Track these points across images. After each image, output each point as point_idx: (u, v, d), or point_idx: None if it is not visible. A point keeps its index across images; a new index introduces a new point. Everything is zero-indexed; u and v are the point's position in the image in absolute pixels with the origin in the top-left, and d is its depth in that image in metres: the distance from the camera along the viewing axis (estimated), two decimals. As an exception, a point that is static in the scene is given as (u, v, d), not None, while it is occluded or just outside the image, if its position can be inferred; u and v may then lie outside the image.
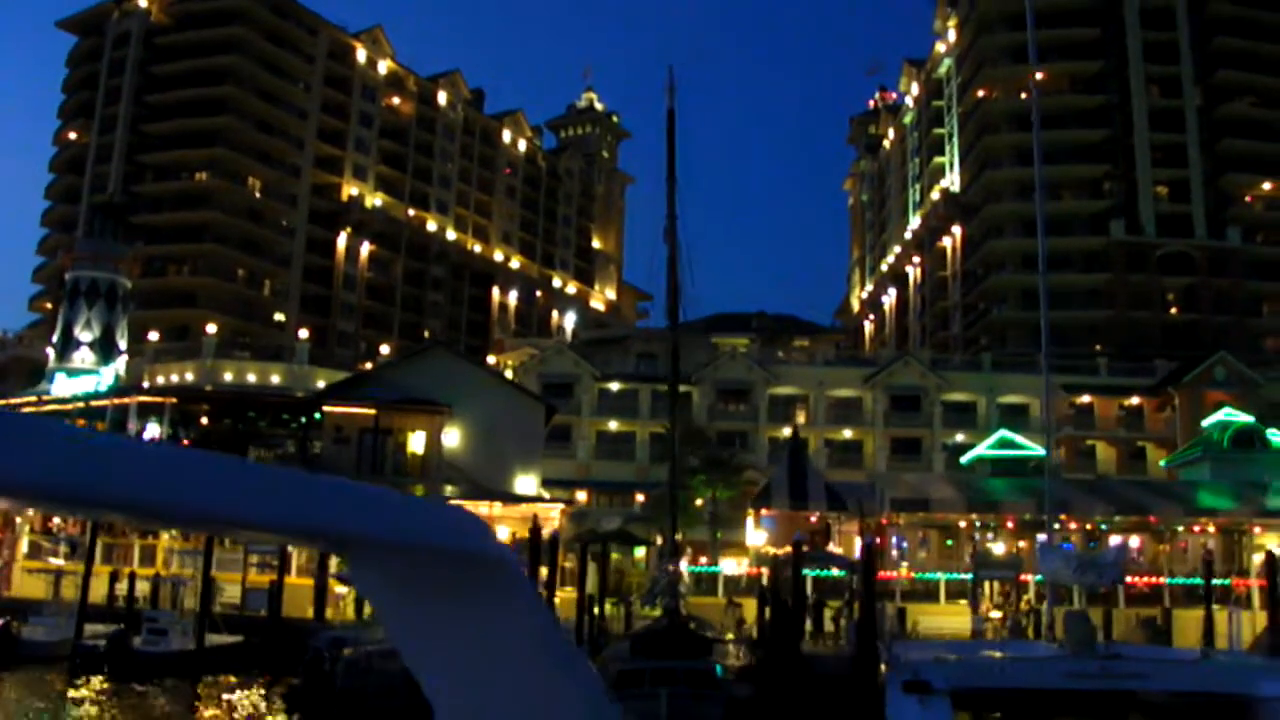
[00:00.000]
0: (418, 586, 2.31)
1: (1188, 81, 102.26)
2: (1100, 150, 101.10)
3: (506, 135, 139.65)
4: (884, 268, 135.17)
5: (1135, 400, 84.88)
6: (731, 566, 49.31)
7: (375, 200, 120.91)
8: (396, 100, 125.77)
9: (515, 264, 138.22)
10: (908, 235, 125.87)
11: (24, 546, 53.88)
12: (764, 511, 48.97)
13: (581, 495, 76.26)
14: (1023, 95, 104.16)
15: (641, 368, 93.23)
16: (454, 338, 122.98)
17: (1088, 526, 49.04)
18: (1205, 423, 63.79)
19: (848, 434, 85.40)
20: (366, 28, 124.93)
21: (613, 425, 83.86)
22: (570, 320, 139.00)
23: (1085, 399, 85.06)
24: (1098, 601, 42.87)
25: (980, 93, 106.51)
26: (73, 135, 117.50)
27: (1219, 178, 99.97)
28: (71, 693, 31.67)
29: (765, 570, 39.46)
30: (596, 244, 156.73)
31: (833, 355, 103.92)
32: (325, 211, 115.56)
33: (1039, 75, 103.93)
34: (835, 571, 40.64)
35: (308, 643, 27.33)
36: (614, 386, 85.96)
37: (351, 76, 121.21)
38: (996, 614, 41.16)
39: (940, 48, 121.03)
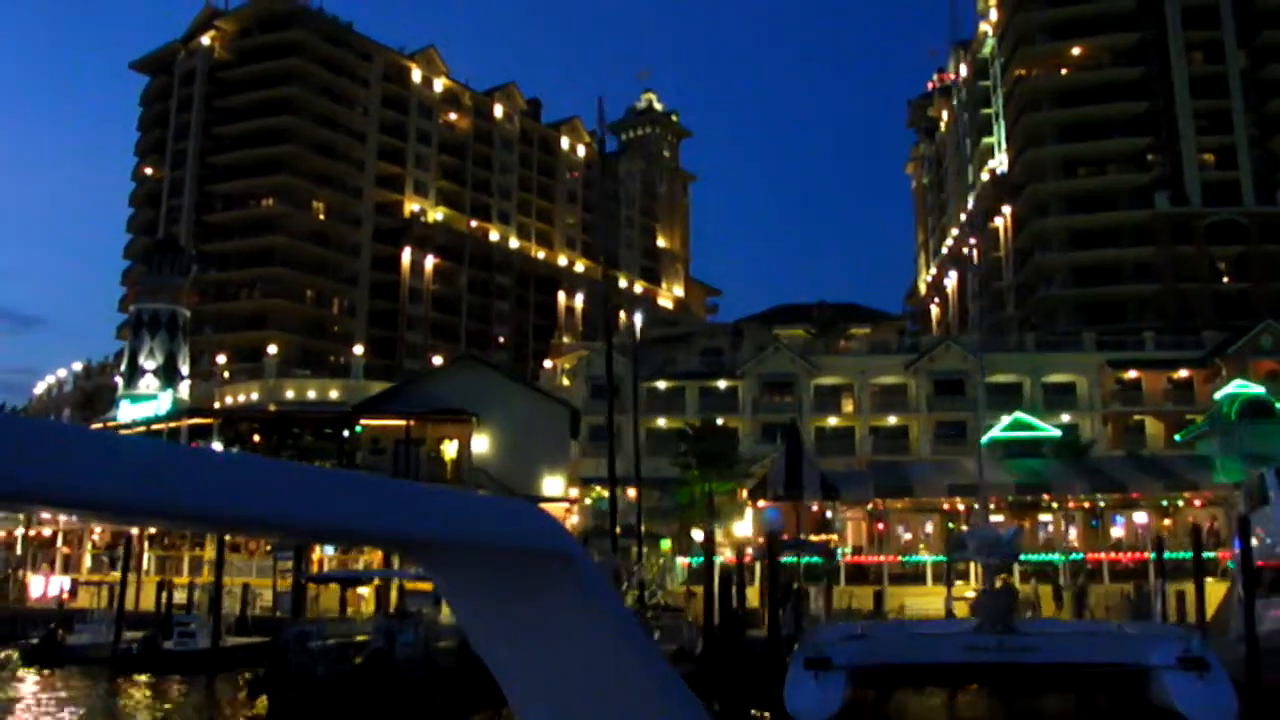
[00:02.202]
0: (493, 586, 2.36)
1: (1230, 45, 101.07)
2: (1143, 122, 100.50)
3: (565, 142, 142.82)
4: (945, 250, 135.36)
5: (1184, 373, 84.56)
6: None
7: (437, 214, 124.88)
8: (453, 116, 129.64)
9: (580, 268, 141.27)
10: (963, 217, 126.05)
11: (87, 561, 58.26)
12: (761, 503, 50.92)
13: (631, 491, 78.89)
14: (1063, 71, 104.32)
15: (706, 363, 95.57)
16: (521, 343, 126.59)
17: (1085, 505, 50.06)
18: (1217, 395, 63.97)
19: (893, 420, 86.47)
20: (421, 48, 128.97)
21: (661, 423, 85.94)
22: (638, 319, 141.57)
23: (1132, 374, 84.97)
24: (1082, 579, 44.21)
25: (1020, 71, 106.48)
26: (149, 171, 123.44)
27: (1268, 140, 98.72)
28: (87, 686, 35.28)
29: (733, 559, 41.32)
30: (662, 243, 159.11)
31: (894, 342, 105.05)
32: (388, 229, 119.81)
33: (1076, 50, 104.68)
34: (813, 558, 42.57)
35: (277, 636, 30.49)
36: (661, 385, 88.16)
37: (408, 96, 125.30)
38: (971, 593, 42.55)
39: (984, 28, 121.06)
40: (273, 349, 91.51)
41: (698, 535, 54.05)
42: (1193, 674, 23.26)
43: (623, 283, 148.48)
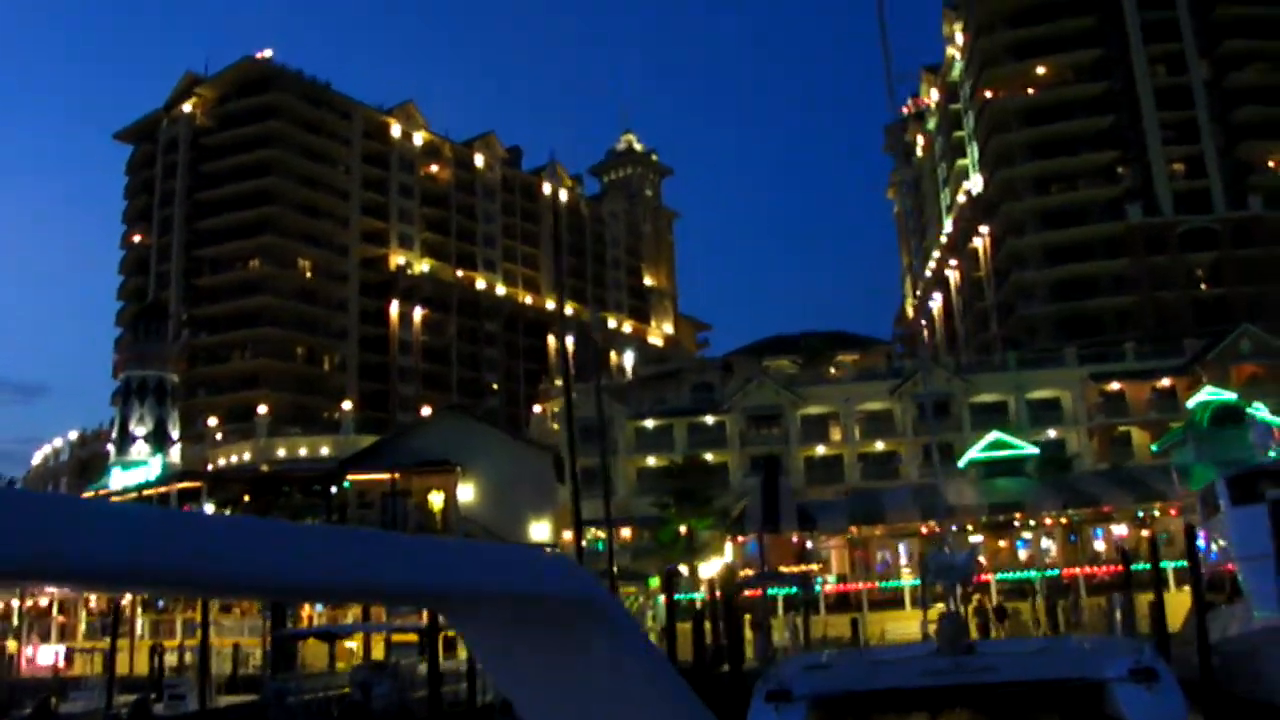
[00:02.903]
0: (524, 637, 2.34)
1: (1192, 56, 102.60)
2: (1111, 136, 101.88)
3: (547, 188, 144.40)
4: (928, 273, 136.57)
5: (1166, 382, 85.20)
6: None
7: (423, 266, 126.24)
8: (435, 168, 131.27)
9: (568, 311, 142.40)
10: (943, 239, 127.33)
11: (83, 628, 58.96)
12: (740, 538, 51.68)
13: (626, 532, 79.52)
14: (1029, 91, 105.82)
15: (696, 399, 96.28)
16: (513, 389, 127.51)
17: (1063, 521, 50.80)
18: (1189, 403, 64.79)
19: (880, 446, 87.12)
20: (399, 103, 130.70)
21: (650, 461, 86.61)
22: (629, 358, 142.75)
23: (1115, 386, 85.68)
24: (1057, 594, 44.88)
25: (988, 93, 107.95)
26: (137, 238, 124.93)
27: (1235, 148, 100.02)
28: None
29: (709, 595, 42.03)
30: (649, 281, 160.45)
31: (883, 367, 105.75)
32: (375, 282, 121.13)
33: (1041, 69, 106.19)
34: (786, 589, 43.34)
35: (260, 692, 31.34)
36: (649, 424, 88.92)
37: (388, 151, 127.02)
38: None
39: (951, 51, 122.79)
40: (262, 409, 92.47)
41: (685, 571, 54.93)
42: (1143, 685, 23.93)
43: (611, 323, 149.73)
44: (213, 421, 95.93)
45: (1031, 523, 50.90)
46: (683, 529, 60.34)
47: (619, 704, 2.37)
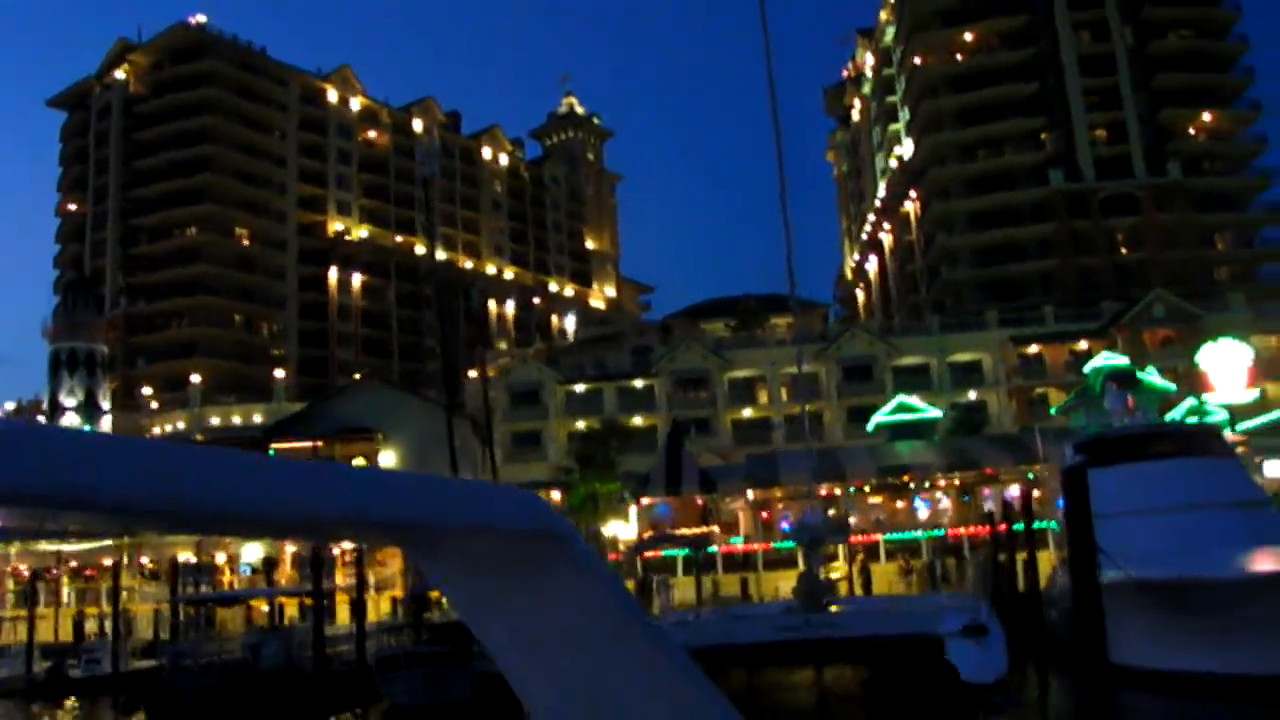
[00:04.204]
0: (491, 571, 2.32)
1: (1115, 23, 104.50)
2: (1036, 102, 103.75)
3: (487, 152, 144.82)
4: (864, 236, 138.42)
5: (1083, 345, 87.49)
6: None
7: (361, 232, 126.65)
8: (372, 134, 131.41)
9: (509, 275, 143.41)
10: (877, 203, 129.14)
11: (11, 598, 60.00)
12: (646, 500, 53.39)
13: (556, 495, 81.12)
14: (957, 57, 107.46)
15: (636, 361, 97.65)
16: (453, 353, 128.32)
17: (956, 483, 52.89)
18: (1086, 368, 67.04)
19: (807, 408, 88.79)
20: (335, 68, 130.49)
21: (580, 425, 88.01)
22: (570, 322, 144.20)
23: (1034, 349, 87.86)
24: (944, 554, 47.02)
25: (917, 59, 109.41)
26: (72, 206, 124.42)
27: (1156, 114, 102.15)
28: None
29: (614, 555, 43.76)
30: (591, 244, 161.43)
31: (819, 330, 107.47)
32: (313, 249, 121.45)
33: (968, 36, 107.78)
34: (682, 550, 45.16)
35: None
36: (579, 388, 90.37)
37: (325, 117, 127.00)
38: (836, 575, 45.14)
39: (884, 16, 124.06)
40: (196, 377, 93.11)
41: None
42: (973, 640, 25.92)
43: (553, 286, 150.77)
44: (150, 391, 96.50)
45: (928, 485, 52.94)
46: (585, 492, 61.88)
47: (586, 635, 2.40)
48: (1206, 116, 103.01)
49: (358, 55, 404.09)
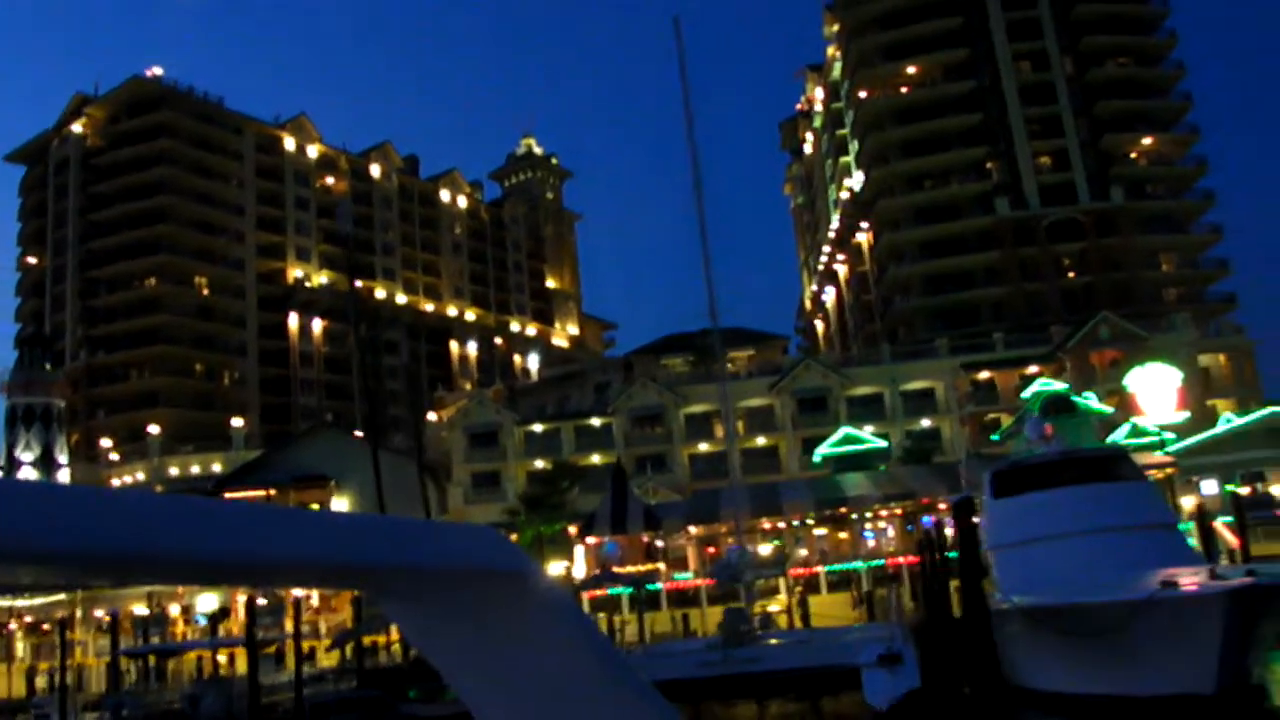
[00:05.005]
0: (455, 612, 2.25)
1: (1055, 53, 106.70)
2: (980, 132, 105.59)
3: (445, 195, 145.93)
4: (820, 268, 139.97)
5: (1033, 369, 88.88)
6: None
7: (321, 278, 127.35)
8: (330, 180, 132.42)
9: (470, 316, 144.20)
10: (831, 234, 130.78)
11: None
12: (592, 539, 54.14)
13: (514, 536, 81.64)
14: (902, 90, 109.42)
15: (599, 399, 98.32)
16: (416, 397, 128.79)
17: (898, 512, 53.94)
18: (1025, 393, 68.33)
19: (761, 441, 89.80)
20: (292, 116, 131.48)
21: (539, 464, 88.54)
22: (534, 360, 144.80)
23: (985, 375, 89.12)
24: (882, 583, 47.90)
25: (863, 92, 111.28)
26: (32, 260, 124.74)
27: (1098, 140, 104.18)
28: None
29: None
30: (552, 283, 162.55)
31: (778, 362, 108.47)
32: (273, 296, 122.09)
33: (911, 69, 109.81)
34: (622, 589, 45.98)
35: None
36: (538, 428, 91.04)
37: (282, 165, 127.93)
38: (775, 607, 46.10)
39: (832, 51, 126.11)
40: (154, 428, 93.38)
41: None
42: (886, 669, 26.86)
43: (515, 326, 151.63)
44: (110, 442, 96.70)
45: (870, 515, 53.94)
46: (531, 534, 62.44)
47: (555, 676, 2.35)
48: (1147, 141, 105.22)
49: (315, 100, 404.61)
